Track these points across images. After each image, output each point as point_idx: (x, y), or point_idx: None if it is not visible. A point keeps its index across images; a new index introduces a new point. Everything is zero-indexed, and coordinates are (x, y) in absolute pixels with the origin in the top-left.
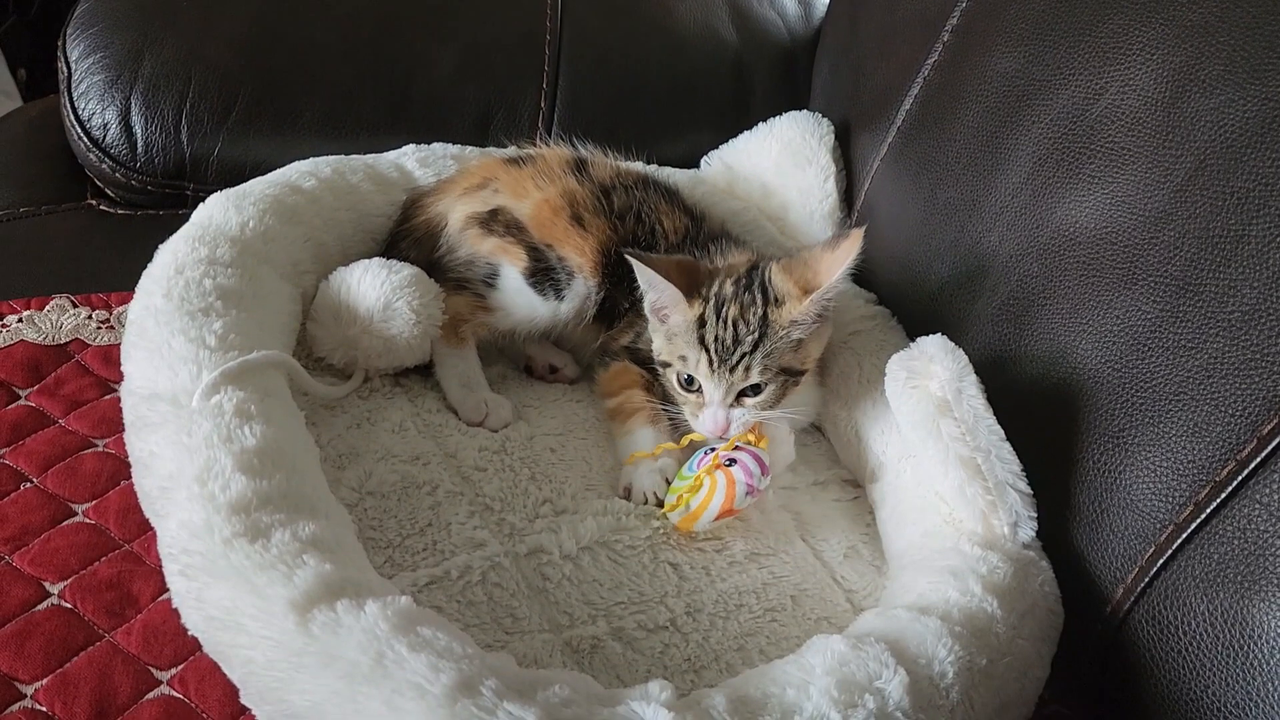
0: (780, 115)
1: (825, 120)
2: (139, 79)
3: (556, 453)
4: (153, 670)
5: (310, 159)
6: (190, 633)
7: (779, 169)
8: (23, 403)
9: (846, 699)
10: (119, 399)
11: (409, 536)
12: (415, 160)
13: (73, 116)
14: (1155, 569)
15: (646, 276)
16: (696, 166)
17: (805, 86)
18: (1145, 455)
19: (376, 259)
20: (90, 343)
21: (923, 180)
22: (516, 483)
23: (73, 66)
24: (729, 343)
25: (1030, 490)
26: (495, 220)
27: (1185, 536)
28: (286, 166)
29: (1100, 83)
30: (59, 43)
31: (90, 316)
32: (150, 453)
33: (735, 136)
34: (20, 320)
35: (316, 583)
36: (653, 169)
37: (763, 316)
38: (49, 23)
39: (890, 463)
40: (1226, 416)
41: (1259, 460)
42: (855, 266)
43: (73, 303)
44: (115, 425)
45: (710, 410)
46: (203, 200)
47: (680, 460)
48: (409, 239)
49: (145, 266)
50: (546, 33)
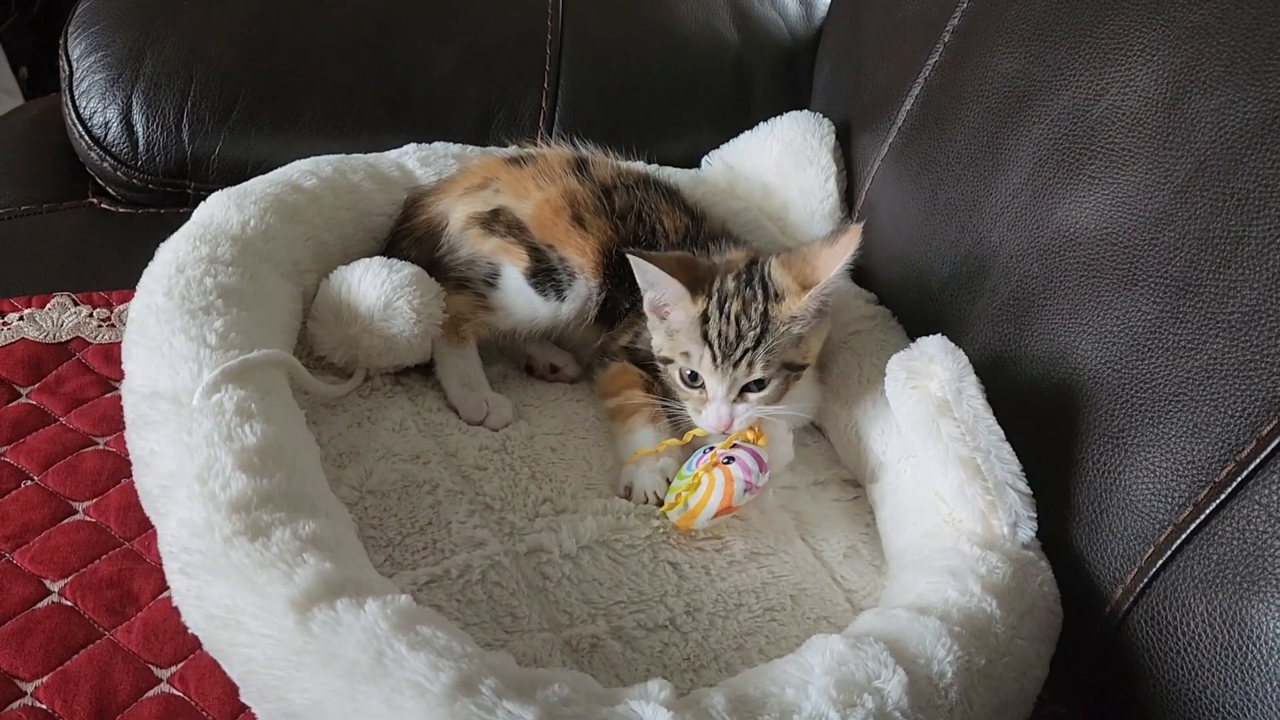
0: (781, 115)
1: (826, 120)
2: (140, 77)
3: (557, 452)
4: (153, 668)
5: (311, 158)
6: (190, 631)
7: (780, 169)
8: (24, 400)
9: (845, 699)
10: (120, 397)
11: (409, 535)
12: (416, 159)
13: (74, 115)
14: (1154, 569)
15: (649, 274)
16: (697, 166)
17: (806, 86)
18: (1145, 456)
19: (377, 258)
20: (91, 341)
21: (923, 180)
22: (517, 482)
23: (74, 65)
24: (732, 338)
25: (1030, 490)
26: (497, 220)
27: (1184, 537)
28: (287, 165)
29: (1101, 84)
30: (60, 41)
31: (91, 315)
32: (151, 451)
33: (736, 136)
34: (21, 318)
35: (316, 581)
36: (653, 169)
37: (764, 312)
38: (51, 21)
39: (890, 462)
40: (1226, 417)
41: (1258, 461)
42: (855, 265)
43: (74, 301)
44: (116, 423)
45: (714, 406)
46: (204, 199)
47: (681, 460)
48: (409, 238)
49: (146, 265)
50: (547, 32)
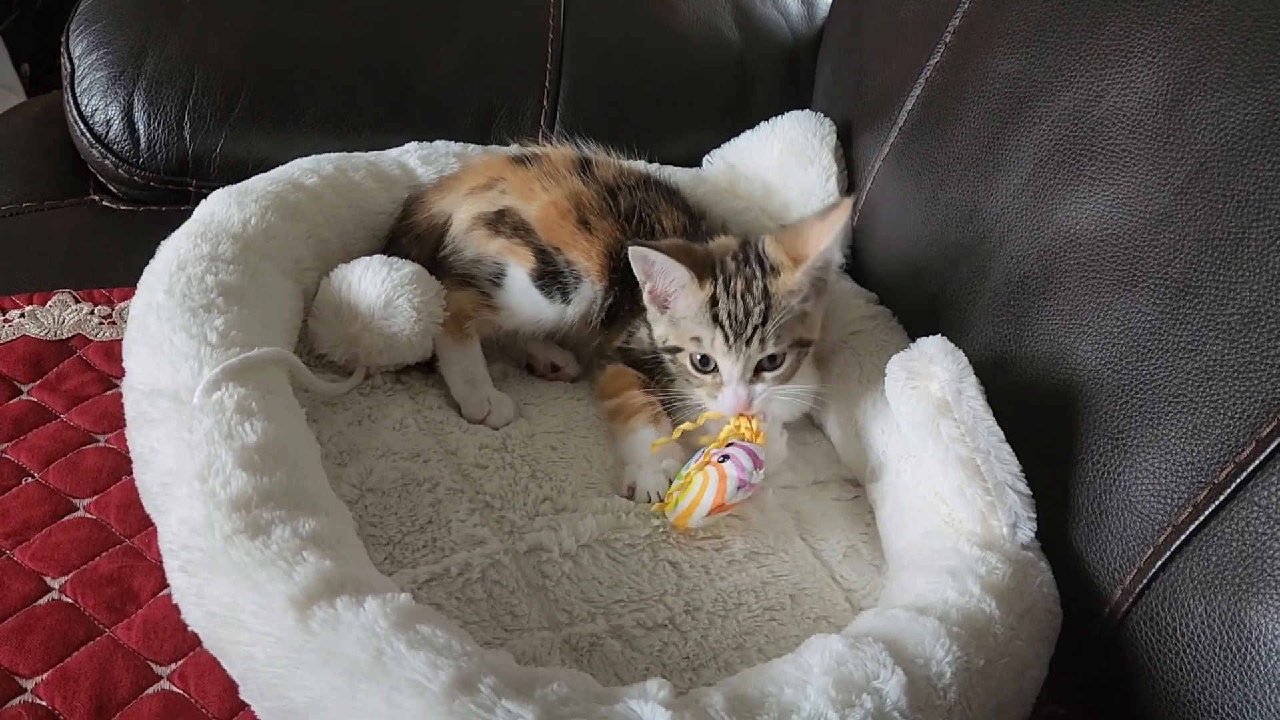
0: (782, 115)
1: (827, 120)
2: (142, 75)
3: (557, 450)
4: (153, 665)
5: (312, 156)
6: (190, 628)
7: (781, 168)
8: (24, 398)
9: (844, 698)
10: (120, 394)
11: (409, 533)
12: (417, 158)
13: (76, 112)
14: (1153, 570)
15: (653, 264)
16: (698, 165)
17: (808, 86)
18: (1144, 457)
19: (378, 256)
20: (92, 338)
21: (924, 180)
22: (517, 480)
23: (76, 62)
24: (741, 316)
25: (1029, 491)
26: (502, 221)
27: (1183, 538)
28: (289, 163)
29: (1101, 85)
30: (62, 38)
31: (92, 312)
32: (151, 449)
33: (737, 135)
34: (22, 315)
35: (316, 579)
36: (654, 168)
37: (764, 288)
38: (53, 18)
39: (890, 462)
40: (1225, 419)
41: (1257, 463)
42: (856, 264)
43: (75, 298)
44: (117, 421)
45: (730, 388)
46: (205, 197)
47: (685, 459)
48: (410, 235)
49: (147, 262)
50: (549, 31)
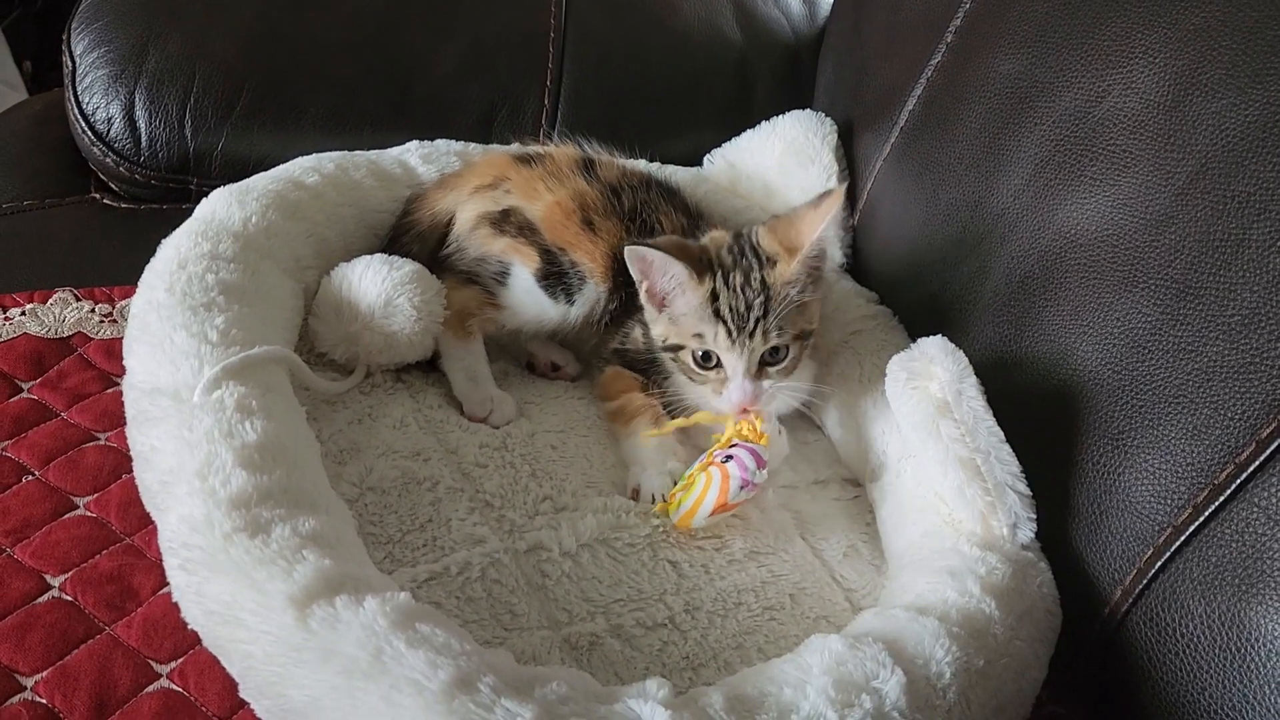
0: (784, 114)
1: (828, 120)
2: (143, 74)
3: (557, 450)
4: (153, 663)
5: (313, 155)
6: (190, 626)
7: (782, 168)
8: (25, 396)
9: (843, 698)
10: (121, 393)
11: (409, 532)
12: (418, 157)
13: (77, 110)
14: (1153, 571)
15: (653, 262)
16: (699, 165)
17: (809, 86)
18: (1144, 457)
19: (378, 255)
20: (93, 336)
21: (925, 180)
22: (517, 479)
23: (77, 60)
24: (742, 310)
25: (1029, 491)
26: (507, 221)
27: (1183, 539)
28: (289, 162)
29: (1102, 85)
30: (64, 36)
31: (93, 310)
32: (151, 447)
33: (738, 135)
34: (23, 313)
35: (316, 578)
36: (655, 167)
37: (762, 279)
38: (55, 16)
39: (890, 462)
40: (1225, 420)
41: (1257, 464)
42: (857, 264)
43: (76, 296)
44: (117, 419)
45: (735, 383)
46: (206, 195)
47: (689, 460)
48: (412, 232)
49: (148, 261)
50: (550, 30)
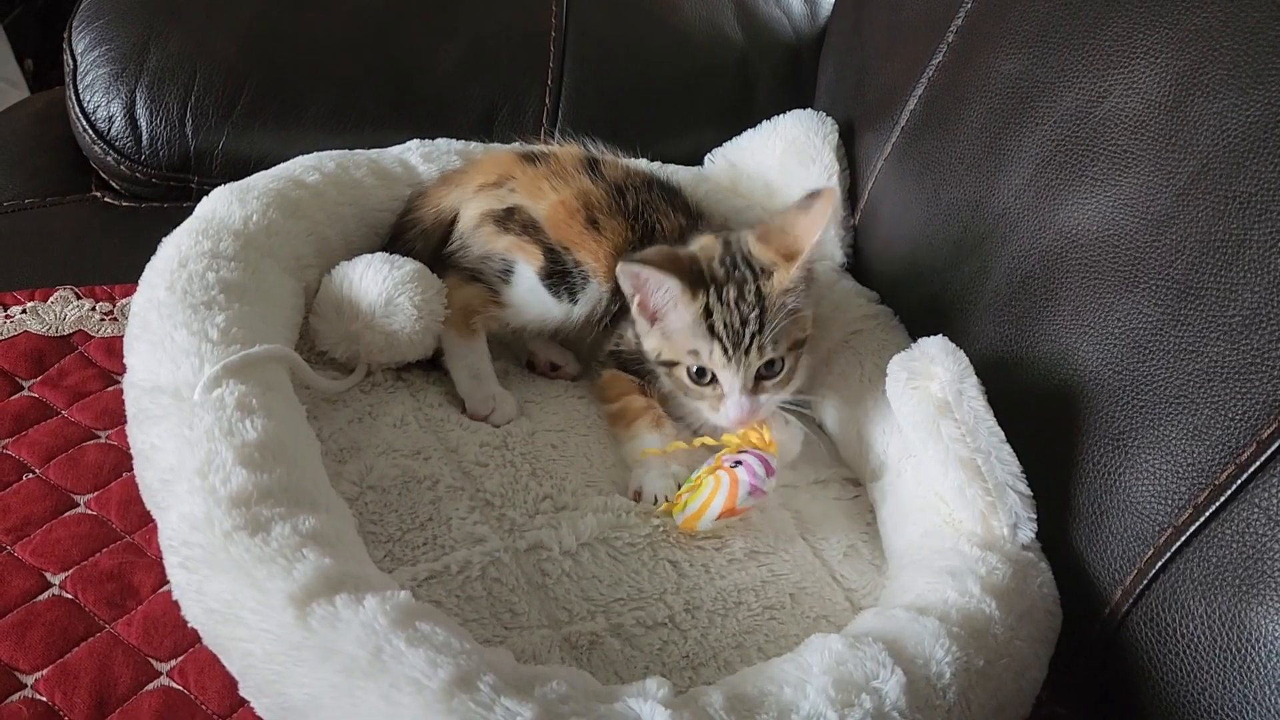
0: (784, 113)
1: (829, 119)
2: (144, 72)
3: (558, 449)
4: (153, 661)
5: (314, 153)
6: (190, 625)
7: (783, 167)
8: (26, 394)
9: (843, 698)
10: (121, 391)
11: (409, 531)
12: (419, 155)
13: (78, 109)
14: (1154, 571)
15: (647, 279)
16: (700, 164)
17: (810, 85)
18: (1145, 458)
19: (379, 254)
20: (93, 334)
21: (926, 180)
22: (517, 478)
23: (78, 59)
24: (738, 325)
25: (1030, 492)
26: (511, 219)
27: (1184, 539)
28: (290, 161)
29: (1104, 86)
30: (65, 35)
31: (94, 308)
32: (152, 445)
33: (739, 134)
34: (24, 311)
35: (316, 577)
36: (656, 166)
37: (757, 291)
38: (56, 14)
39: (891, 462)
40: (1226, 420)
41: (1258, 464)
42: (858, 264)
43: (76, 294)
44: (118, 417)
45: (732, 400)
46: (207, 193)
47: (691, 464)
48: (415, 229)
49: (149, 259)
50: (551, 29)
